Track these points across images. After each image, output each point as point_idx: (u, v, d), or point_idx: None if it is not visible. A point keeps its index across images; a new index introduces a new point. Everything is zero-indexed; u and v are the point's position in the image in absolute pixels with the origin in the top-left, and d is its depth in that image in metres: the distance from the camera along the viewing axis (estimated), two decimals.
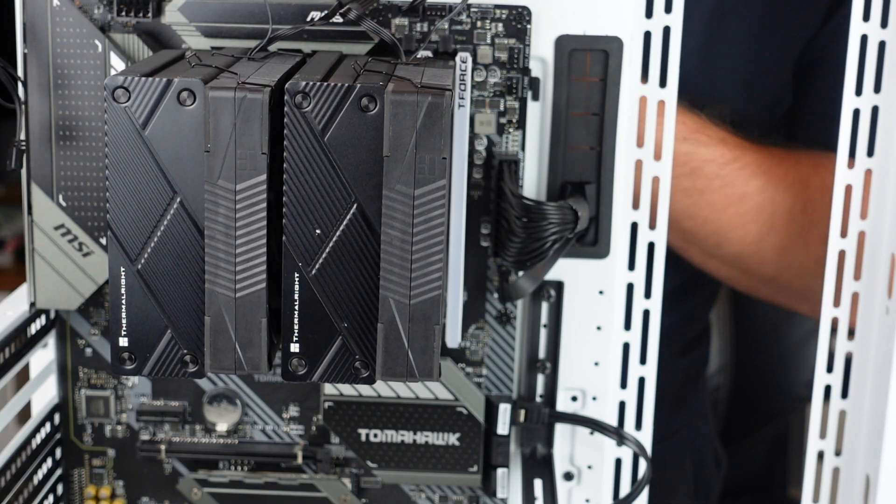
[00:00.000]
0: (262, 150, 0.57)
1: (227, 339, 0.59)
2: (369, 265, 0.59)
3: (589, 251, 0.73)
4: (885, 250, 0.73)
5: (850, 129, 0.73)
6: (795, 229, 0.89)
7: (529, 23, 0.69)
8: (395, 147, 0.57)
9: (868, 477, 0.75)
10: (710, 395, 1.22)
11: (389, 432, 0.74)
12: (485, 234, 0.72)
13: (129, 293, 0.60)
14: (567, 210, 0.69)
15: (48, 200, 0.69)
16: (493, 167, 0.71)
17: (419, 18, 0.69)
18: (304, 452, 0.75)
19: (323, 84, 0.57)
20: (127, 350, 0.60)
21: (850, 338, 0.76)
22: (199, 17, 0.68)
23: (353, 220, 0.58)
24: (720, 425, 1.24)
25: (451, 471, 0.74)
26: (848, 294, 0.75)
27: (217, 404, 0.75)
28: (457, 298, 0.69)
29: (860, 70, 0.72)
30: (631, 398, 0.76)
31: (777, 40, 0.96)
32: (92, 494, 0.76)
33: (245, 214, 0.57)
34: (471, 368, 0.74)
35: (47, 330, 0.73)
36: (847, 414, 0.77)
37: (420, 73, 0.60)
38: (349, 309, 0.59)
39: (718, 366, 1.22)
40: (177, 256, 0.59)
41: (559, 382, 0.75)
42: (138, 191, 0.59)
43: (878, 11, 0.71)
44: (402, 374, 0.59)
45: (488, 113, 0.71)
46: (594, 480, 0.77)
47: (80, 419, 0.75)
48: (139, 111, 0.58)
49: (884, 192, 0.73)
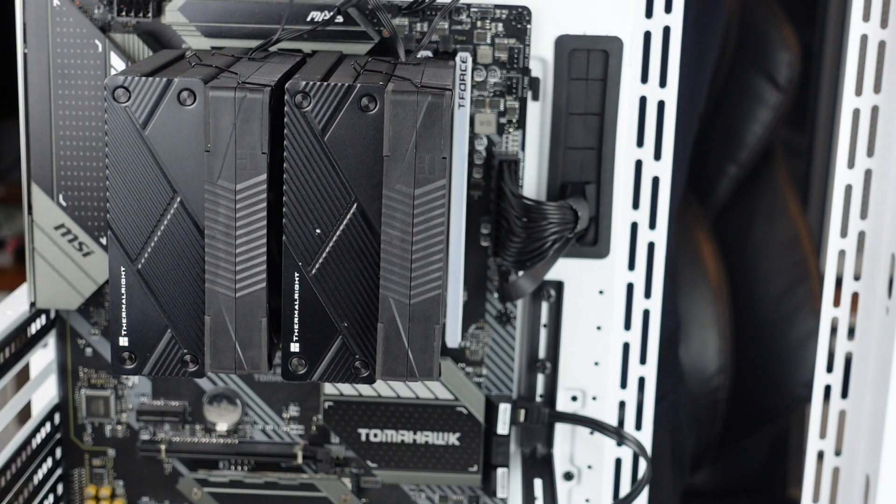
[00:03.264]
0: (262, 150, 0.57)
1: (227, 338, 0.59)
2: (369, 265, 0.59)
3: (589, 251, 0.73)
4: (885, 250, 0.73)
5: (851, 129, 0.73)
6: None
7: (529, 23, 0.69)
8: (395, 147, 0.57)
9: (868, 477, 0.75)
10: (711, 396, 1.22)
11: (389, 432, 0.74)
12: (485, 234, 0.72)
13: (130, 293, 0.60)
14: (567, 210, 0.69)
15: (48, 200, 0.69)
16: (493, 167, 0.71)
17: (419, 18, 0.69)
18: (304, 452, 0.75)
19: (323, 84, 0.57)
20: (127, 350, 0.60)
21: (850, 338, 0.76)
22: (199, 17, 0.68)
23: (353, 219, 0.58)
24: (720, 425, 1.24)
25: (451, 471, 0.74)
26: (848, 294, 0.75)
27: (217, 404, 0.75)
28: (457, 298, 0.69)
29: (860, 70, 0.72)
30: (631, 398, 0.76)
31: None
32: (92, 494, 0.76)
33: (245, 214, 0.57)
34: (471, 368, 0.74)
35: (47, 330, 0.73)
36: (847, 414, 0.77)
37: (420, 72, 0.60)
38: (349, 308, 0.59)
39: (718, 366, 1.22)
40: (177, 256, 0.59)
41: (559, 382, 0.75)
42: (138, 190, 0.59)
43: (878, 11, 0.71)
44: (402, 374, 0.59)
45: (488, 113, 0.71)
46: (594, 480, 0.77)
47: (80, 419, 0.75)
48: (139, 111, 0.58)
49: (884, 192, 0.73)
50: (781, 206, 1.24)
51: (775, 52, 1.20)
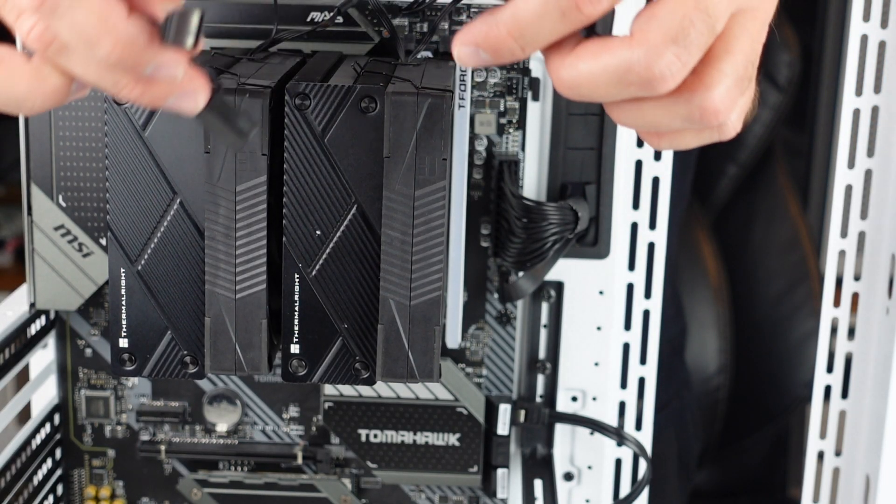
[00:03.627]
0: (263, 151, 0.57)
1: (227, 339, 0.59)
2: (369, 266, 0.59)
3: (589, 251, 0.73)
4: (885, 250, 0.73)
5: (851, 129, 0.73)
6: None
7: None
8: (395, 148, 0.56)
9: (868, 477, 0.75)
10: (711, 396, 1.22)
11: (389, 433, 0.74)
12: (485, 235, 0.72)
13: (130, 294, 0.60)
14: (567, 210, 0.69)
15: (48, 201, 0.69)
16: (493, 167, 0.71)
17: (419, 19, 0.69)
18: (304, 453, 0.75)
19: (323, 85, 0.57)
20: (127, 351, 0.60)
21: (850, 338, 0.76)
22: None
23: (353, 220, 0.58)
24: (720, 425, 1.24)
25: (451, 471, 0.74)
26: (848, 294, 0.75)
27: (217, 405, 0.75)
28: (457, 299, 0.69)
29: (860, 70, 0.72)
30: (631, 398, 0.76)
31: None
32: (92, 495, 0.76)
33: (245, 215, 0.57)
34: (471, 369, 0.74)
35: (47, 330, 0.73)
36: (847, 414, 0.77)
37: (420, 73, 0.60)
38: (349, 310, 0.59)
39: (718, 366, 1.22)
40: (177, 257, 0.59)
41: (559, 383, 0.75)
42: (138, 192, 0.59)
43: (878, 11, 0.71)
44: (402, 375, 0.59)
45: (488, 113, 0.70)
46: (594, 480, 0.77)
47: (80, 419, 0.75)
48: (139, 112, 0.58)
49: (884, 192, 0.73)
50: (781, 206, 1.24)
51: (775, 52, 1.20)
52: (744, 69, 0.51)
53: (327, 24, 0.66)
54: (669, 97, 0.50)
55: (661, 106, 0.51)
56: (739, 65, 0.51)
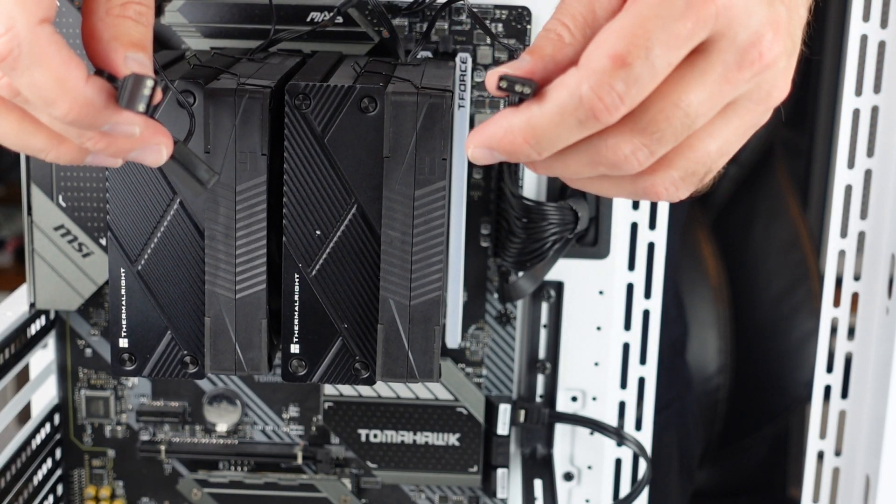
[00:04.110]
0: (263, 151, 0.57)
1: (227, 339, 0.59)
2: (369, 266, 0.59)
3: (589, 251, 0.73)
4: (885, 250, 0.73)
5: (850, 130, 0.73)
6: None
7: (529, 23, 0.69)
8: (395, 148, 0.57)
9: (868, 477, 0.75)
10: (711, 395, 1.22)
11: (389, 433, 0.74)
12: (485, 235, 0.72)
13: (129, 294, 0.60)
14: (567, 210, 0.69)
15: (48, 201, 0.69)
16: (493, 167, 0.71)
17: (419, 19, 0.69)
18: (304, 453, 0.75)
19: (323, 85, 0.57)
20: (127, 351, 0.60)
21: (850, 338, 0.76)
22: (199, 18, 0.68)
23: (353, 220, 0.58)
24: (720, 425, 1.24)
25: (451, 471, 0.74)
26: (848, 294, 0.75)
27: (217, 404, 0.75)
28: (457, 299, 0.69)
29: (860, 70, 0.72)
30: (631, 398, 0.76)
31: None
32: (92, 495, 0.76)
33: (245, 215, 0.57)
34: (471, 369, 0.74)
35: (47, 330, 0.73)
36: (847, 414, 0.77)
37: (420, 73, 0.60)
38: (349, 310, 0.59)
39: (718, 366, 1.22)
40: (177, 257, 0.59)
41: (559, 383, 0.75)
42: (138, 192, 0.59)
43: (878, 11, 0.71)
44: (402, 375, 0.59)
45: (488, 113, 0.70)
46: (594, 480, 0.77)
47: (79, 419, 0.75)
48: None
49: (884, 192, 0.73)
50: (781, 206, 1.24)
51: None
52: (703, 166, 0.51)
53: (327, 25, 0.66)
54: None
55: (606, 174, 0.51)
56: (699, 162, 0.51)
